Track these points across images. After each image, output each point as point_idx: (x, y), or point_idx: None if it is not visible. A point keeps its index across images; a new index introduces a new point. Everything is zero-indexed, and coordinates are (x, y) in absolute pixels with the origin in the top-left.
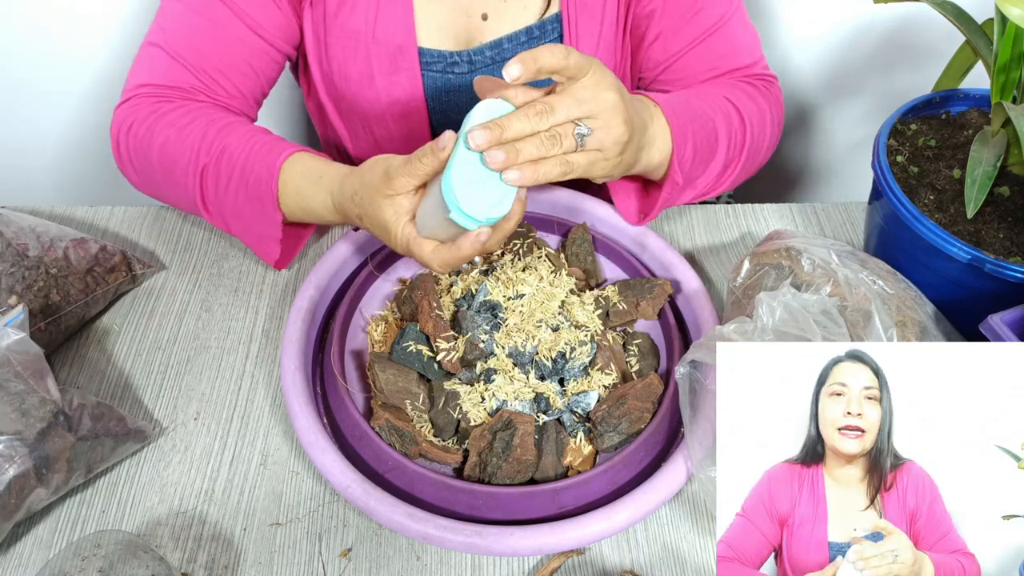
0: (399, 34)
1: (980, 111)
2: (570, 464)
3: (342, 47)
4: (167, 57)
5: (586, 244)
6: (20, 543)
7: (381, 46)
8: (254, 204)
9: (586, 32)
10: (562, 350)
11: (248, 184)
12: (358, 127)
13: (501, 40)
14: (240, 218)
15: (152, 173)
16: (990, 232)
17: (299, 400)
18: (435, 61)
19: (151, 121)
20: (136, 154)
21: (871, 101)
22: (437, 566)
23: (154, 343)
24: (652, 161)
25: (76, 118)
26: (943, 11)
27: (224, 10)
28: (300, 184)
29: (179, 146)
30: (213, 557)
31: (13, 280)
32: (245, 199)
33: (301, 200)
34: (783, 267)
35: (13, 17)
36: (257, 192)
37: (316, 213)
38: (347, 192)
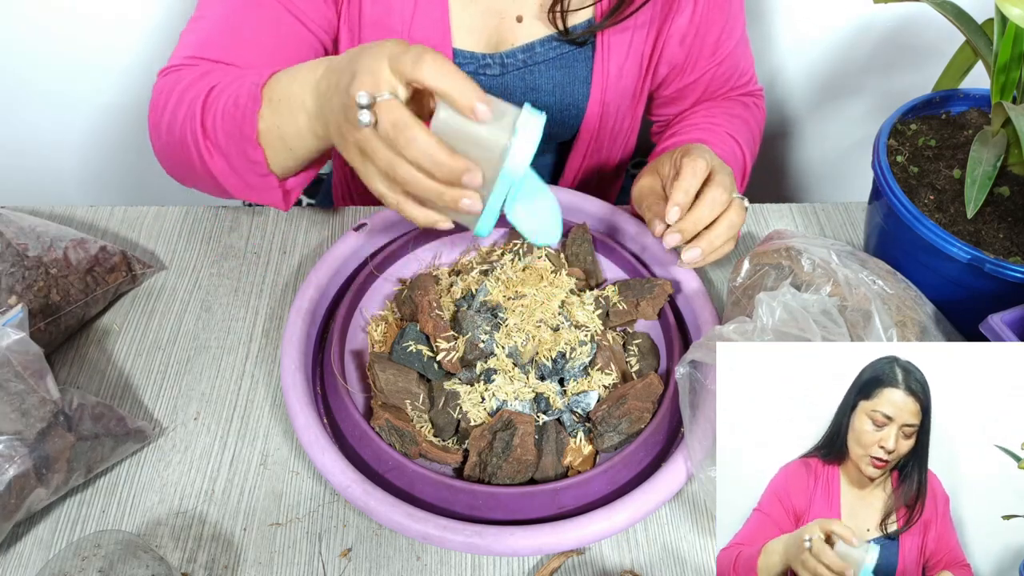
0: (435, 35)
1: (980, 111)
2: (570, 464)
3: None
4: (207, 39)
5: (586, 244)
6: (20, 543)
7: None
8: (238, 119)
9: (617, 41)
10: (562, 350)
11: (238, 96)
12: None
13: (533, 44)
14: (230, 141)
15: (166, 124)
16: (990, 232)
17: (299, 400)
18: (467, 62)
19: (177, 81)
20: (160, 114)
21: (871, 101)
22: (437, 566)
23: (154, 343)
24: None
25: (77, 118)
26: (943, 11)
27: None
28: (294, 67)
29: (196, 84)
30: (213, 557)
31: (13, 280)
32: (231, 115)
33: (288, 76)
34: (783, 267)
35: (14, 17)
36: (243, 98)
37: (292, 95)
38: (350, 51)
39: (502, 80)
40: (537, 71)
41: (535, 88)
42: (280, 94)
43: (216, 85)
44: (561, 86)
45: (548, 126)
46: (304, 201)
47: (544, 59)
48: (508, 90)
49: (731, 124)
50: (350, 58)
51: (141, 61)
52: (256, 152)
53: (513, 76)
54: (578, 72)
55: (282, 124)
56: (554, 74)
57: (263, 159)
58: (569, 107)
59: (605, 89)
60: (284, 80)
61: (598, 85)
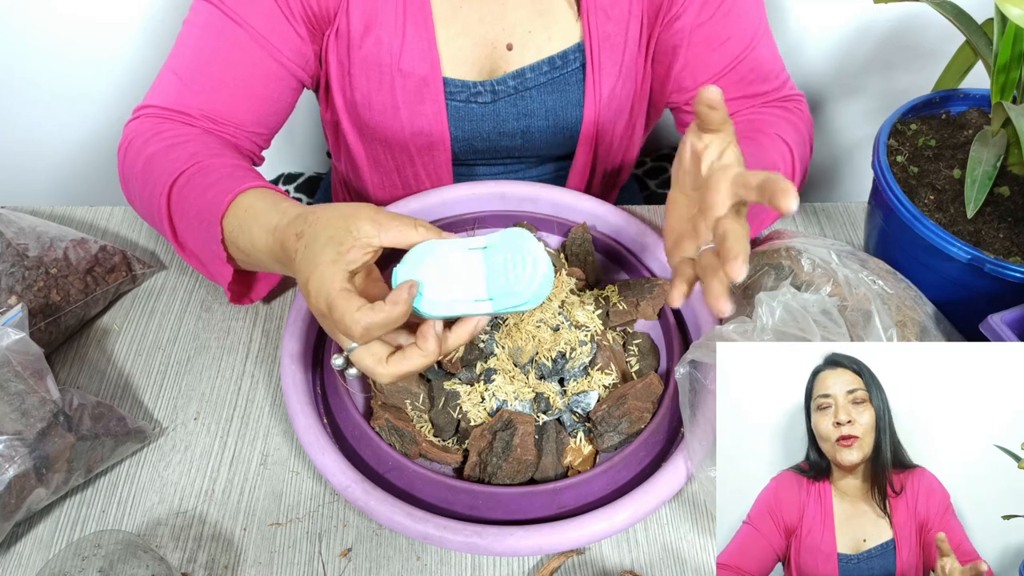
0: (423, 66)
1: (980, 111)
2: (570, 464)
3: (367, 78)
4: (180, 83)
5: (586, 244)
6: (20, 543)
7: (406, 78)
8: (203, 216)
9: (608, 61)
10: (562, 350)
11: (206, 198)
12: (380, 153)
13: (524, 70)
14: (192, 234)
15: (135, 187)
16: (990, 232)
17: (299, 400)
18: (458, 91)
19: (148, 136)
20: (128, 168)
21: (871, 101)
22: (437, 566)
23: (154, 343)
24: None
25: (77, 119)
26: (943, 11)
27: (241, 34)
28: (254, 203)
29: (163, 159)
30: (213, 557)
31: (13, 280)
32: (198, 211)
33: (248, 216)
34: (783, 267)
35: (15, 18)
36: (210, 204)
37: (252, 236)
38: (305, 211)
39: (494, 107)
40: (529, 96)
41: (528, 114)
42: (242, 247)
43: (181, 176)
44: (554, 111)
45: (543, 148)
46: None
47: (535, 84)
48: (500, 117)
49: (777, 125)
50: (306, 273)
51: (141, 61)
52: (225, 269)
53: (505, 103)
54: (570, 95)
55: (250, 261)
56: (546, 99)
57: (231, 270)
58: (563, 130)
59: (599, 110)
60: (241, 242)
61: (591, 107)
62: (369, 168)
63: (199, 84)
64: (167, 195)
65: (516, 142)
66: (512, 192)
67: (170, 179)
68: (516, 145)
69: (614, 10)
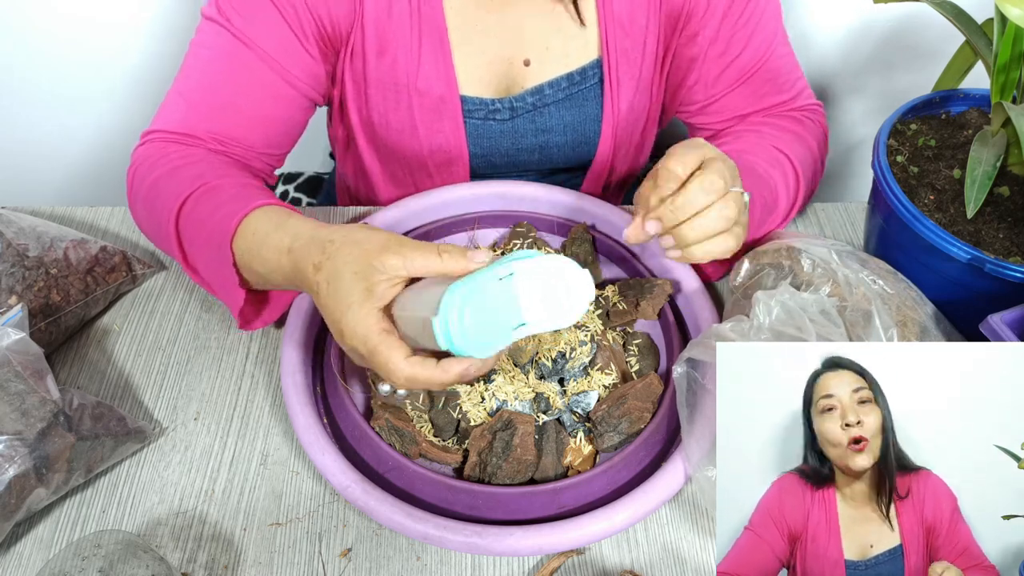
0: (440, 84)
1: (980, 111)
2: (570, 464)
3: (383, 98)
4: (187, 106)
5: (586, 244)
6: (20, 543)
7: (423, 97)
8: (213, 241)
9: (626, 76)
10: (562, 350)
11: (214, 220)
12: (397, 170)
13: (542, 86)
14: (203, 259)
15: (143, 213)
16: (990, 232)
17: (299, 400)
18: (477, 109)
19: (154, 160)
20: (135, 195)
21: (871, 101)
22: (437, 566)
23: (154, 343)
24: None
25: (77, 119)
26: (943, 11)
27: (250, 56)
28: (262, 224)
29: (168, 183)
30: (213, 557)
31: (13, 280)
32: (207, 235)
33: (257, 240)
34: (783, 267)
35: (16, 19)
36: (218, 227)
37: (264, 259)
38: (319, 237)
39: (512, 124)
40: (547, 112)
41: (546, 129)
42: (255, 269)
43: (188, 199)
44: (572, 126)
45: (560, 161)
46: (304, 201)
47: (554, 100)
48: (519, 133)
49: (781, 138)
50: (338, 314)
51: (142, 62)
52: (238, 293)
53: (523, 119)
54: (589, 111)
55: (264, 282)
56: (564, 114)
57: (243, 293)
58: (581, 145)
59: (616, 124)
60: (255, 264)
61: (609, 121)
62: (384, 181)
63: (207, 107)
64: (175, 221)
65: (534, 157)
66: (512, 192)
67: (177, 204)
68: (533, 159)
69: (632, 26)
